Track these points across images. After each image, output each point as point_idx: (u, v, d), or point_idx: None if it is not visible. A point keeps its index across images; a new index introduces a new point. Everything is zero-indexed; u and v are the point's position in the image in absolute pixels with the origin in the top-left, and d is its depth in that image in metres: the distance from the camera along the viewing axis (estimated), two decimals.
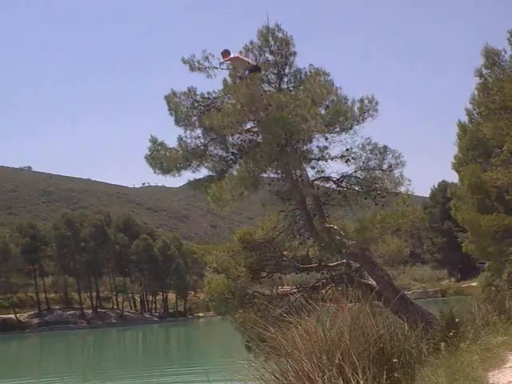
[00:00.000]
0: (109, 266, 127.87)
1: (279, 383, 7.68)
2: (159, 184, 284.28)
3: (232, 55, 16.15)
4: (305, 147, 15.85)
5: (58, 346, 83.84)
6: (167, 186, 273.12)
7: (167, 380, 34.00)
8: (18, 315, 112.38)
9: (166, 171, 16.32)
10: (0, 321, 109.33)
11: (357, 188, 16.08)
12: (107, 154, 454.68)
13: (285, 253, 16.86)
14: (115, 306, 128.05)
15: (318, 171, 16.19)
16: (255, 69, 15.90)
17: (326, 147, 15.91)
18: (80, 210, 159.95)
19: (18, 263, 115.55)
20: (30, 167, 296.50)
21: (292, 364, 7.76)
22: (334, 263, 16.29)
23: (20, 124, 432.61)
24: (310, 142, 15.78)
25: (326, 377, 6.85)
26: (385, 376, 7.18)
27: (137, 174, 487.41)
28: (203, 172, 16.49)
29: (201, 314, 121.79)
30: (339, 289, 14.35)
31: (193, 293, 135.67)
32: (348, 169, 15.91)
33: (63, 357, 65.83)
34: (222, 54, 16.21)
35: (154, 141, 16.32)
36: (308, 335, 8.77)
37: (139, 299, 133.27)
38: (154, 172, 16.42)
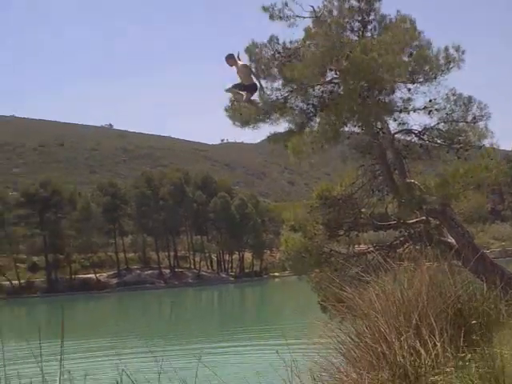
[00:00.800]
0: (186, 224, 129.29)
1: (355, 345, 7.58)
2: (237, 141, 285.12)
3: (242, 62, 15.41)
4: (387, 98, 15.48)
5: (136, 306, 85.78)
6: (245, 142, 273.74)
7: (241, 340, 34.44)
8: (97, 275, 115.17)
9: (244, 124, 16.16)
10: (80, 280, 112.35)
11: (439, 141, 15.66)
12: (186, 111, 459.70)
13: (363, 210, 16.67)
14: (192, 266, 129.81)
15: (400, 124, 15.81)
16: (253, 88, 15.51)
17: (409, 98, 15.51)
18: (159, 168, 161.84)
19: (99, 222, 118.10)
20: (110, 125, 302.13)
21: (368, 325, 7.65)
22: (413, 220, 15.99)
23: (99, 82, 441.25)
24: (393, 92, 15.41)
25: (402, 338, 6.72)
26: (462, 338, 7.01)
27: (215, 131, 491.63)
28: (283, 125, 16.32)
29: (276, 274, 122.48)
30: (417, 247, 14.12)
31: (269, 252, 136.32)
32: (430, 121, 15.50)
33: (141, 317, 67.40)
34: (226, 58, 15.62)
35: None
36: (385, 295, 8.63)
37: (216, 258, 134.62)
38: (234, 124, 16.28)
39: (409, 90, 15.35)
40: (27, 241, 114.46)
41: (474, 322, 7.72)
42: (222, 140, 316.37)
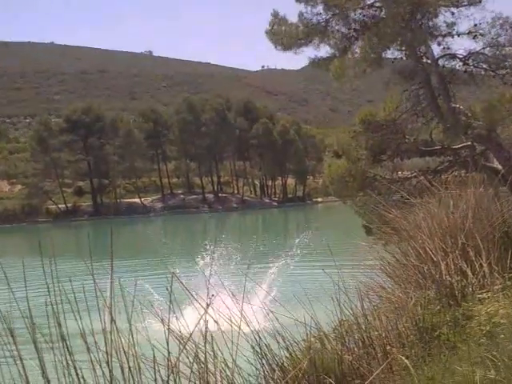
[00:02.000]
0: (229, 150, 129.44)
1: (401, 265, 7.69)
2: (278, 67, 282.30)
3: None
4: (430, 22, 15.19)
5: (182, 228, 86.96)
6: (286, 68, 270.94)
7: (287, 258, 34.72)
8: (142, 199, 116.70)
9: (286, 47, 16.00)
10: (125, 205, 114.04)
11: (484, 66, 15.39)
12: (227, 37, 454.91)
13: (407, 135, 16.54)
14: (235, 191, 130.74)
15: (444, 48, 15.54)
16: None
17: (453, 23, 15.20)
18: (201, 95, 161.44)
19: (142, 148, 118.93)
20: (150, 52, 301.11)
21: (414, 246, 7.73)
22: (459, 146, 15.83)
23: (139, 8, 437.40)
24: (436, 16, 15.10)
25: (448, 259, 6.79)
26: (509, 260, 7.05)
27: (256, 58, 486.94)
28: (324, 50, 16.13)
29: (319, 199, 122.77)
30: (463, 173, 14.06)
31: (311, 178, 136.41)
32: (475, 46, 15.21)
33: (188, 238, 68.42)
34: None
35: (275, 15, 15.97)
36: (431, 217, 8.67)
37: (259, 184, 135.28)
38: (275, 48, 16.16)
39: (452, 13, 15.04)
40: (72, 166, 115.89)
41: None
42: (263, 66, 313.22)
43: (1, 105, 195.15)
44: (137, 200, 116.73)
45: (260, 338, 4.88)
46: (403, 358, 4.77)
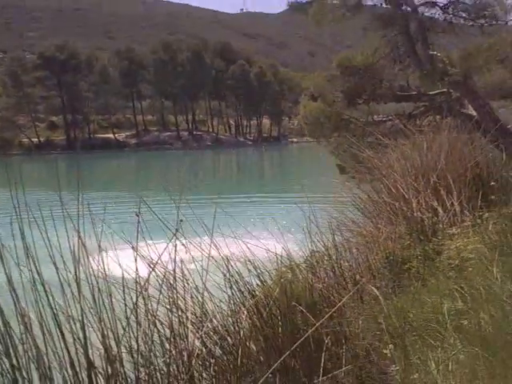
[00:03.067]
0: (205, 90, 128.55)
1: (372, 201, 7.76)
2: (257, 10, 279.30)
3: None
4: None
5: (156, 164, 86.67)
6: (266, 12, 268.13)
7: (261, 193, 34.97)
8: (116, 135, 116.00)
9: None
10: (100, 140, 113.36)
11: (464, 15, 15.33)
12: None
13: (383, 81, 16.52)
14: (210, 129, 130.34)
15: None
16: None
17: None
18: (177, 35, 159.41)
19: (117, 86, 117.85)
20: None
21: (386, 184, 7.79)
22: (434, 92, 15.86)
23: None
24: None
25: (420, 196, 6.86)
26: (480, 199, 7.13)
27: (236, 1, 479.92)
28: None
29: (294, 140, 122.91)
30: (438, 118, 14.11)
31: (287, 119, 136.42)
32: None
33: (162, 172, 68.46)
34: None
35: None
36: (404, 158, 8.73)
37: (234, 124, 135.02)
38: None
39: None
40: (45, 102, 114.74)
41: (492, 183, 7.83)
42: (242, 9, 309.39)
43: None
44: (111, 136, 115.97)
45: (231, 265, 4.90)
46: (373, 288, 4.83)
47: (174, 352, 4.17)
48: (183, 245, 4.71)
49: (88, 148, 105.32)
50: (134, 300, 4.04)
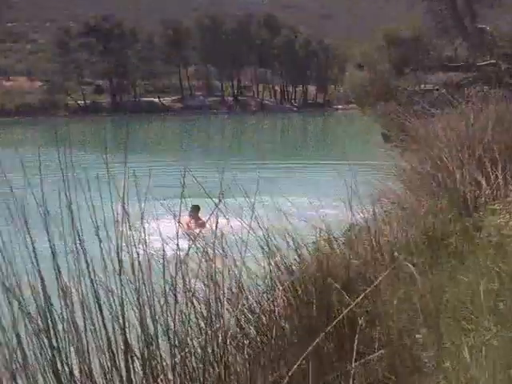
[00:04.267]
0: (250, 58, 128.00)
1: (415, 172, 7.66)
2: None
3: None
4: None
5: (199, 128, 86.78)
6: None
7: (303, 164, 34.83)
8: (161, 99, 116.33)
9: None
10: (145, 103, 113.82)
11: None
12: None
13: (431, 51, 16.32)
14: (255, 95, 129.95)
15: None
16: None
17: None
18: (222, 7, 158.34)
19: (162, 53, 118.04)
20: None
21: (431, 154, 7.68)
22: (483, 63, 15.61)
23: None
24: None
25: (464, 169, 6.75)
26: None
27: None
28: None
29: (340, 107, 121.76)
30: (486, 88, 13.85)
31: (333, 86, 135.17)
32: None
33: (205, 137, 68.67)
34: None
35: None
36: (450, 129, 8.60)
37: (279, 90, 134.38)
38: None
39: None
40: (91, 67, 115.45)
41: None
42: None
43: (19, 9, 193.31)
44: (156, 100, 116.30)
45: (269, 238, 4.87)
46: (409, 265, 4.78)
47: (209, 332, 4.11)
48: (225, 217, 4.70)
49: (133, 111, 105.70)
50: (173, 274, 4.01)
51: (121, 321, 3.66)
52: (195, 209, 12.48)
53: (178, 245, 4.21)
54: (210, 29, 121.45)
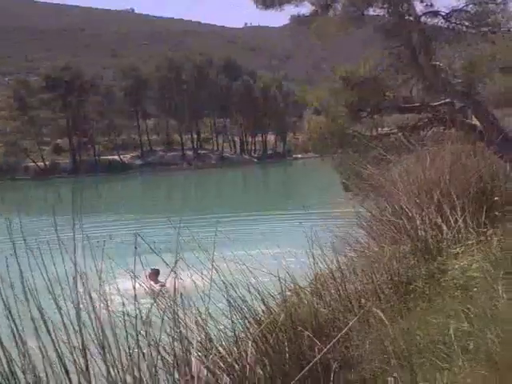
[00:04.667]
0: (209, 107, 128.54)
1: (376, 220, 7.72)
2: (261, 24, 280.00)
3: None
4: None
5: (162, 185, 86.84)
6: (270, 26, 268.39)
7: (264, 216, 34.98)
8: (121, 156, 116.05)
9: (267, 5, 15.86)
10: (104, 162, 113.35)
11: (467, 23, 15.32)
12: None
13: (387, 92, 16.51)
14: (215, 148, 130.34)
15: (427, 5, 15.43)
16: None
17: None
18: (182, 52, 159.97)
19: (121, 105, 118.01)
20: (132, 9, 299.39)
21: (390, 201, 7.75)
22: (438, 103, 15.85)
23: None
24: None
25: (424, 214, 6.82)
26: (484, 215, 7.08)
27: (240, 15, 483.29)
28: (306, 7, 15.95)
29: (299, 156, 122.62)
30: (441, 129, 14.08)
31: (292, 134, 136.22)
32: (458, 3, 15.11)
33: (166, 194, 68.60)
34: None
35: None
36: (407, 174, 8.70)
37: (239, 141, 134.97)
38: (256, 7, 16.01)
39: None
40: (51, 124, 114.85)
41: (496, 198, 7.79)
42: (246, 24, 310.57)
43: None
44: (116, 157, 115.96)
45: (234, 290, 4.86)
46: (378, 311, 4.79)
47: (181, 381, 4.11)
48: (184, 272, 4.68)
49: (93, 171, 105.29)
50: (138, 329, 4.00)
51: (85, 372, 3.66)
52: (155, 272, 12.32)
53: (136, 302, 4.19)
54: (168, 78, 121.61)
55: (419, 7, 15.40)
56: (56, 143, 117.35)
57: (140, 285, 4.44)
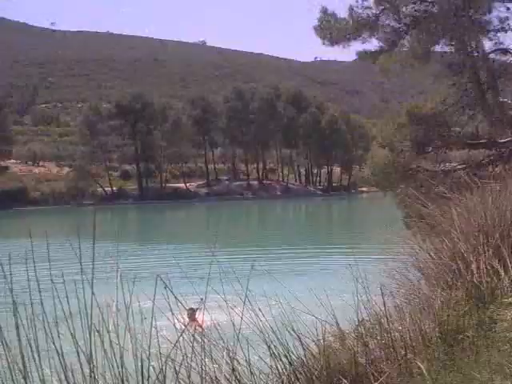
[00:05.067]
0: (276, 138, 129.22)
1: (432, 262, 7.43)
2: (331, 58, 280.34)
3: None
4: (483, 18, 14.89)
5: (226, 214, 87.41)
6: (339, 60, 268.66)
7: (322, 250, 34.76)
8: (187, 184, 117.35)
9: (334, 42, 15.91)
10: (170, 189, 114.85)
11: None
12: (279, 28, 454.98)
13: (452, 128, 16.26)
14: (280, 179, 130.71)
15: (496, 43, 15.23)
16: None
17: (506, 17, 14.88)
18: (251, 84, 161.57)
19: (189, 134, 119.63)
20: (204, 42, 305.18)
21: (447, 243, 7.47)
22: (504, 140, 15.49)
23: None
24: (490, 11, 14.80)
25: (481, 258, 6.51)
26: None
27: (309, 49, 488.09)
28: (373, 43, 15.96)
29: (364, 189, 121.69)
30: (507, 167, 13.68)
31: (358, 167, 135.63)
32: None
33: (227, 224, 69.08)
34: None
35: (324, 11, 15.90)
36: (468, 214, 8.38)
37: (304, 172, 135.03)
38: (323, 43, 16.12)
39: (507, 8, 14.72)
40: (119, 150, 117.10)
41: None
42: (316, 58, 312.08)
43: (55, 90, 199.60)
44: (182, 185, 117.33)
45: (274, 333, 4.68)
46: (418, 362, 4.54)
47: None
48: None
49: (159, 198, 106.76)
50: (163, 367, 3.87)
51: None
52: (192, 312, 12.21)
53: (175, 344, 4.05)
54: (236, 109, 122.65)
55: (488, 44, 15.20)
56: (124, 169, 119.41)
57: (182, 324, 4.29)
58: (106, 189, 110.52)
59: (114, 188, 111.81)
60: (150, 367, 3.73)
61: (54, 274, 4.13)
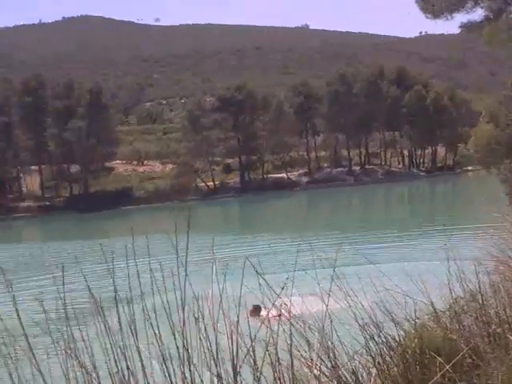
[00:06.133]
0: (379, 121, 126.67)
1: None
2: (436, 32, 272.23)
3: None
4: None
5: (322, 203, 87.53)
6: (445, 33, 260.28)
7: (408, 234, 34.43)
8: (288, 174, 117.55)
9: (436, 14, 15.42)
10: (272, 180, 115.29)
11: None
12: (381, 5, 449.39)
13: None
14: (383, 162, 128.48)
15: None
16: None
17: None
18: (355, 65, 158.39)
19: (291, 123, 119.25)
20: (306, 25, 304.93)
21: None
22: None
23: None
24: None
25: None
26: None
27: (414, 24, 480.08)
28: (478, 13, 15.35)
29: (469, 168, 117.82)
30: None
31: (463, 145, 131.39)
32: None
33: (326, 212, 69.22)
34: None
35: None
36: None
37: (407, 154, 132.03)
38: (425, 16, 15.66)
39: None
40: (222, 144, 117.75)
41: None
42: (420, 32, 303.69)
43: (159, 87, 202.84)
44: (283, 175, 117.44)
45: (368, 315, 4.70)
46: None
47: None
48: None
49: (260, 190, 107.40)
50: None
51: None
52: (256, 309, 12.22)
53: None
54: (338, 93, 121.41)
55: None
56: (226, 163, 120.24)
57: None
58: (209, 183, 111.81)
59: (217, 182, 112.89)
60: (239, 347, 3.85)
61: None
